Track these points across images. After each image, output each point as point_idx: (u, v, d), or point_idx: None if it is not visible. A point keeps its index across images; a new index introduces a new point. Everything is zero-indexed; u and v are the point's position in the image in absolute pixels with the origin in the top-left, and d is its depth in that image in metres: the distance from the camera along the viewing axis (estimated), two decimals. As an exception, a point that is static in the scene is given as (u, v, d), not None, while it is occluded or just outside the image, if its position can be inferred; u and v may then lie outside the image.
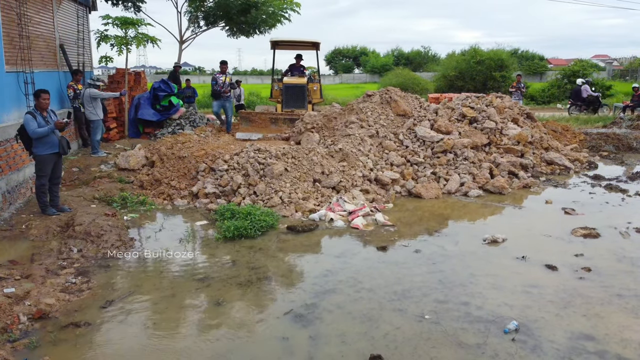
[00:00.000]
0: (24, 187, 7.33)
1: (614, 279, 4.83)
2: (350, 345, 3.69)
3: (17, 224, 6.22)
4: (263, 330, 3.93)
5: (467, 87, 24.03)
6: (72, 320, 4.01)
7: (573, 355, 3.56)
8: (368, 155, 8.55)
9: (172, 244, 5.84)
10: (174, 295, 4.50)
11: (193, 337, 3.84)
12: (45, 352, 3.61)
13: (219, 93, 12.20)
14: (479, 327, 3.92)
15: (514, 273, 5.00)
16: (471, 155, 8.92)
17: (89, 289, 4.59)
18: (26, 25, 8.11)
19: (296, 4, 17.25)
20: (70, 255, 5.32)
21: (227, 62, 12.58)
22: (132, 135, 12.44)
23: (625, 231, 6.20)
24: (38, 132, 6.05)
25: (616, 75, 38.43)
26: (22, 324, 3.94)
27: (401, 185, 8.11)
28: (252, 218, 6.15)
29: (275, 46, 13.57)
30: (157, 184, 7.96)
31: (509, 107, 10.59)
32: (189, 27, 17.94)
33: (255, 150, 7.93)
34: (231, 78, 12.69)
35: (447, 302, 4.36)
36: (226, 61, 12.56)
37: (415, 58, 50.61)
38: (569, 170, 9.63)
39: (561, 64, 39.14)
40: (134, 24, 11.72)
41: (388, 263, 5.26)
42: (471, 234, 6.15)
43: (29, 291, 4.39)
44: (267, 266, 5.17)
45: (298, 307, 4.26)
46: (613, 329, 3.92)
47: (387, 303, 4.34)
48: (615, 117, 16.29)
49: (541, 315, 4.12)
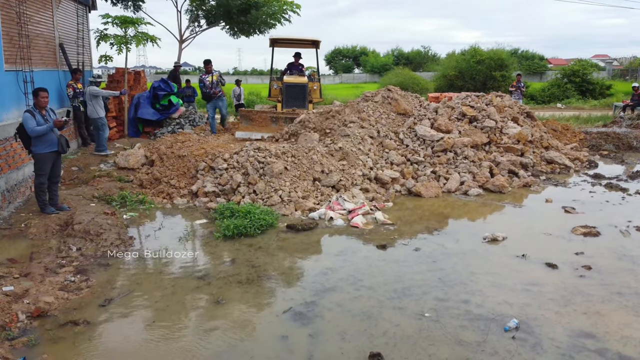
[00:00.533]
0: (24, 186, 7.32)
1: (614, 277, 4.82)
2: (350, 343, 3.67)
3: (17, 222, 6.21)
4: (263, 329, 3.92)
5: (467, 87, 24.02)
6: (71, 319, 4.00)
7: (573, 353, 3.55)
8: (368, 154, 8.54)
9: (172, 242, 5.82)
10: (174, 294, 4.49)
11: (192, 335, 3.83)
12: (44, 350, 3.60)
13: (210, 94, 11.71)
14: (479, 325, 3.91)
15: (514, 271, 4.99)
16: (471, 154, 8.91)
17: (88, 288, 4.58)
18: (26, 24, 8.10)
19: (296, 5, 17.28)
20: (69, 254, 5.31)
21: (211, 60, 11.92)
22: (131, 134, 12.44)
23: (625, 230, 6.19)
24: (37, 131, 6.03)
25: (616, 74, 38.42)
26: (21, 322, 3.92)
27: (401, 184, 8.10)
28: (252, 217, 6.13)
29: (274, 44, 13.29)
30: (157, 182, 7.95)
31: (508, 106, 10.58)
32: (189, 26, 17.94)
33: (255, 149, 7.92)
34: (219, 75, 12.08)
35: (447, 300, 4.35)
36: (210, 60, 11.90)
37: (415, 58, 50.54)
38: (569, 169, 9.62)
39: (561, 63, 39.13)
40: (133, 23, 11.72)
41: (388, 261, 5.24)
42: (471, 233, 6.14)
43: (28, 289, 4.39)
44: (266, 265, 5.16)
45: (298, 305, 4.25)
46: (613, 326, 3.91)
47: (386, 301, 4.33)
48: (615, 117, 16.28)
49: (541, 313, 4.11)
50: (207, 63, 11.87)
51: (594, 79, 26.51)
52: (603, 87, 26.02)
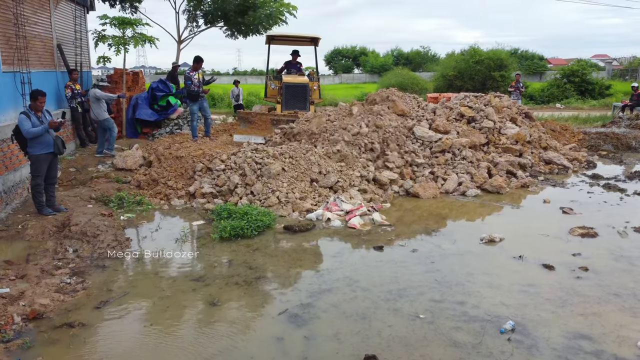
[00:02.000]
0: (21, 187, 7.32)
1: (611, 278, 4.81)
2: (345, 344, 3.66)
3: (13, 224, 6.20)
4: (259, 330, 3.91)
5: (466, 87, 23.99)
6: (67, 321, 3.99)
7: (569, 355, 3.54)
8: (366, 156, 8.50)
9: (169, 244, 5.82)
10: (170, 296, 4.48)
11: (188, 337, 3.82)
12: (39, 352, 3.59)
13: (197, 94, 10.09)
14: (474, 327, 3.90)
15: (511, 272, 4.98)
16: (469, 155, 8.90)
17: (84, 289, 4.57)
18: (23, 25, 8.09)
19: (292, 7, 17.28)
20: (65, 256, 5.30)
21: (202, 59, 10.27)
22: (129, 135, 12.43)
23: (623, 230, 6.18)
24: (32, 132, 6.03)
25: (616, 74, 38.42)
26: (16, 324, 3.91)
27: (399, 185, 8.09)
28: (249, 218, 6.13)
29: (270, 41, 12.72)
30: (154, 184, 7.94)
31: (507, 106, 10.58)
32: (187, 26, 17.94)
33: (252, 150, 7.91)
34: (204, 73, 11.26)
35: (443, 301, 4.34)
36: (201, 58, 10.24)
37: (415, 58, 50.56)
38: (568, 170, 9.62)
39: (561, 63, 39.10)
40: (131, 24, 11.71)
41: (385, 262, 5.24)
42: (469, 233, 6.13)
43: (24, 291, 4.38)
44: (263, 266, 5.15)
45: (293, 307, 4.24)
46: (610, 328, 3.90)
47: (382, 302, 4.32)
48: (614, 116, 16.27)
49: (538, 314, 4.10)
50: (198, 60, 10.25)
51: (593, 79, 26.50)
52: (602, 87, 26.02)
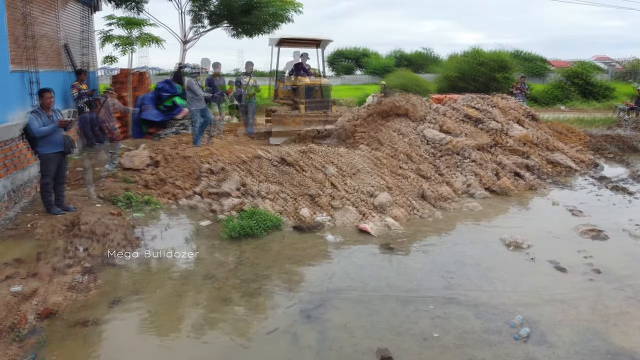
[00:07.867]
0: (29, 186, 7.32)
1: (624, 280, 4.81)
2: (357, 341, 3.66)
3: (22, 222, 6.20)
4: (270, 327, 3.90)
5: (469, 88, 23.97)
6: (80, 319, 3.99)
7: (585, 357, 3.53)
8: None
9: (178, 243, 5.82)
10: (180, 294, 4.48)
11: (200, 335, 3.81)
12: (53, 349, 3.59)
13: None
14: (487, 326, 3.89)
15: (523, 273, 4.97)
16: (476, 157, 8.88)
17: (96, 288, 4.57)
18: (31, 24, 8.10)
19: (297, 4, 17.22)
20: (76, 254, 5.29)
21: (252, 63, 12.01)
22: (135, 135, 12.42)
23: (634, 232, 6.16)
24: (41, 131, 6.03)
25: (618, 76, 38.37)
26: (30, 322, 3.91)
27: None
28: (258, 217, 6.12)
29: (280, 44, 13.21)
30: (162, 183, 7.93)
31: (513, 108, 10.57)
32: (192, 27, 17.92)
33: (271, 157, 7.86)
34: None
35: (454, 301, 4.33)
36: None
37: (417, 59, 50.44)
38: (574, 172, 9.60)
39: (562, 65, 39.00)
40: (138, 24, 11.72)
41: (395, 263, 5.23)
42: (479, 235, 6.13)
43: (36, 289, 4.37)
44: (272, 265, 5.15)
45: (304, 305, 4.23)
46: (624, 329, 3.89)
47: (394, 302, 4.31)
48: (619, 119, 16.24)
49: (551, 316, 4.09)
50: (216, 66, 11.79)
51: (597, 81, 26.46)
52: (606, 89, 25.98)
